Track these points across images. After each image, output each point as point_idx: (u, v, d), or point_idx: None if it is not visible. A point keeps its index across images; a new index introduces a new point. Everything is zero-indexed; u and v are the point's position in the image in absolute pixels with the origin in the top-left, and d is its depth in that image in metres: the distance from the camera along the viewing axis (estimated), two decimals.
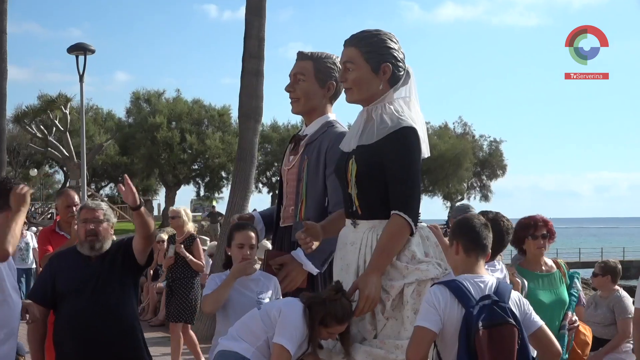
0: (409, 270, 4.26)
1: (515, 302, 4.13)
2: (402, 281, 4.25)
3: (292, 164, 5.22)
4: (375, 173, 4.34)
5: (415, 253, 4.29)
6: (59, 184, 59.60)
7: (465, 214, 4.56)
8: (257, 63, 22.12)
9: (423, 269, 4.27)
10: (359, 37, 4.52)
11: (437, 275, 4.27)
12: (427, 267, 4.28)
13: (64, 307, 5.35)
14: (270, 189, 61.04)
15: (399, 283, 4.25)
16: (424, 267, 4.27)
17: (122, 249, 5.46)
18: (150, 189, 61.18)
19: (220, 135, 53.17)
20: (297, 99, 5.19)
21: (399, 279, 4.27)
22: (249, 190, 21.83)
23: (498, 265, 5.32)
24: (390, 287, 4.27)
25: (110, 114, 59.79)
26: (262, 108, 22.36)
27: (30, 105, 37.92)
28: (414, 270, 4.26)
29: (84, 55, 23.91)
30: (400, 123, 4.33)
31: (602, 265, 9.05)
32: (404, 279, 4.25)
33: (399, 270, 4.28)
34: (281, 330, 4.37)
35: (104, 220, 5.46)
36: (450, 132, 65.77)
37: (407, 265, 4.26)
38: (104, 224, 5.45)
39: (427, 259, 4.32)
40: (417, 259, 4.29)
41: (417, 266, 4.27)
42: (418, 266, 4.27)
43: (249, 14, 22.40)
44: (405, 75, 4.55)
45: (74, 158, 34.61)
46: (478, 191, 69.52)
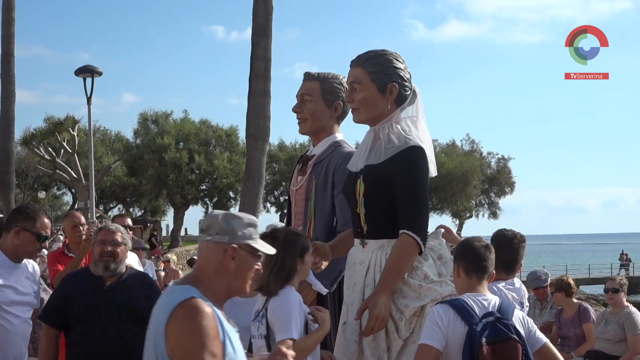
0: (423, 289, 4.26)
1: (519, 320, 4.14)
2: (419, 302, 4.25)
3: (300, 184, 5.23)
4: (383, 192, 4.35)
5: (427, 274, 4.29)
6: (68, 206, 59.66)
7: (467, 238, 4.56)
8: (264, 83, 22.20)
9: (438, 288, 4.27)
10: (366, 57, 4.54)
11: (452, 292, 4.28)
12: (441, 286, 4.28)
13: (77, 330, 5.34)
14: (278, 209, 61.02)
15: (415, 304, 4.25)
16: (438, 286, 4.28)
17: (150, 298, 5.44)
18: (158, 210, 61.17)
19: (228, 155, 53.22)
20: (305, 120, 5.21)
21: (414, 298, 4.26)
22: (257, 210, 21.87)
23: (517, 284, 5.31)
24: (404, 306, 4.26)
25: (118, 136, 59.89)
26: (269, 128, 22.44)
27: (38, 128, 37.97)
28: (428, 289, 4.26)
29: (91, 77, 24.07)
30: (408, 142, 4.34)
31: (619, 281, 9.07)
32: (420, 300, 4.25)
33: (412, 288, 4.27)
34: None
35: (121, 243, 5.48)
36: (458, 149, 65.70)
37: (421, 284, 4.26)
38: (121, 247, 5.48)
39: (440, 279, 4.32)
40: (429, 278, 4.29)
41: (431, 285, 4.27)
42: (432, 285, 4.27)
43: (256, 35, 22.49)
44: (411, 94, 4.57)
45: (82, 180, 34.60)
46: (486, 208, 69.39)
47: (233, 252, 3.20)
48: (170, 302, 3.09)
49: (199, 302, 3.05)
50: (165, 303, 3.13)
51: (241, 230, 3.24)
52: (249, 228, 3.27)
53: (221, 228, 3.22)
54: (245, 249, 3.24)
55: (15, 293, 5.14)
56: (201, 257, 3.28)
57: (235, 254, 3.21)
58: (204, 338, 2.99)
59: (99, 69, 24.14)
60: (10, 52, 31.52)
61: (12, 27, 31.71)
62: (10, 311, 5.10)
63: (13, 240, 5.20)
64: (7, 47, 31.32)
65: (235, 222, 3.24)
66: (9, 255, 5.20)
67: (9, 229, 5.21)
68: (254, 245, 3.27)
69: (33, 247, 5.33)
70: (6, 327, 5.07)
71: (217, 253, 3.21)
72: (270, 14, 22.35)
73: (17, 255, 5.26)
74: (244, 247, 3.24)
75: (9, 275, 5.13)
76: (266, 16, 22.26)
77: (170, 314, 3.05)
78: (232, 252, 3.20)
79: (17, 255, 5.26)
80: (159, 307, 3.17)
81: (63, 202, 65.99)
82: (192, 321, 3.01)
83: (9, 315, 5.09)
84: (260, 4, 22.19)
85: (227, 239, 3.21)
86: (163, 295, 3.28)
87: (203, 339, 2.99)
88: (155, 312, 3.20)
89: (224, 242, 3.20)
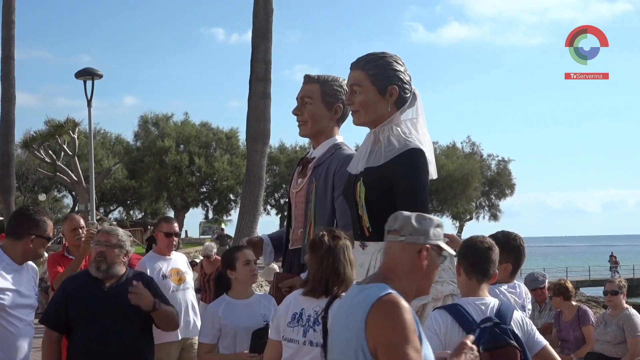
0: None
1: (518, 323, 4.14)
2: (419, 301, 4.26)
3: (300, 186, 5.24)
4: (384, 195, 4.36)
5: None
6: (68, 209, 59.61)
7: (472, 236, 4.56)
8: (264, 85, 22.24)
9: (439, 287, 4.28)
10: (365, 59, 4.55)
11: (452, 292, 4.28)
12: (442, 285, 4.29)
13: (78, 332, 5.35)
14: (278, 211, 61.04)
15: (415, 302, 4.25)
16: (439, 285, 4.29)
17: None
18: (158, 212, 61.11)
19: (228, 157, 53.28)
20: (305, 122, 5.22)
21: None
22: (257, 213, 21.89)
23: (518, 288, 5.31)
24: None
25: (119, 138, 59.95)
26: (269, 130, 22.48)
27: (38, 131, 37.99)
28: None
29: (91, 80, 24.07)
30: (408, 145, 4.35)
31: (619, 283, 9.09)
32: (420, 299, 4.25)
33: None
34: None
35: (115, 245, 5.47)
36: (458, 151, 65.71)
37: None
38: (115, 250, 5.45)
39: (441, 279, 4.33)
40: None
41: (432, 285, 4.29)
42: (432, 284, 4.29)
43: (256, 38, 22.52)
44: (411, 97, 4.58)
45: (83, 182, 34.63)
46: (487, 210, 69.38)
47: (427, 252, 3.24)
48: (365, 299, 3.09)
49: (398, 297, 3.06)
50: (359, 301, 3.12)
51: (432, 231, 3.27)
52: (437, 229, 3.30)
53: (415, 229, 3.24)
54: (435, 250, 3.27)
55: (19, 296, 5.15)
56: (391, 256, 3.29)
57: (428, 255, 3.24)
58: (407, 332, 2.99)
59: (99, 71, 24.16)
60: (11, 55, 31.55)
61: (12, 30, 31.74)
62: (15, 314, 5.10)
63: (26, 247, 5.21)
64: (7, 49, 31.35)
65: (427, 223, 3.27)
66: (16, 259, 5.21)
67: (21, 237, 5.21)
68: (442, 246, 3.31)
69: (43, 250, 5.41)
70: (12, 330, 5.08)
71: (411, 253, 3.23)
72: (270, 16, 22.38)
73: (25, 259, 5.28)
74: (435, 248, 3.27)
75: (14, 279, 5.14)
76: (266, 18, 22.28)
77: (368, 310, 3.05)
78: (426, 253, 3.23)
79: (25, 259, 5.28)
80: (351, 306, 3.17)
81: (63, 204, 66.00)
82: (395, 316, 3.02)
83: (14, 318, 5.10)
84: (261, 6, 22.21)
85: (423, 240, 3.24)
86: (351, 294, 3.28)
87: (407, 333, 2.99)
88: (345, 311, 3.21)
89: (419, 242, 3.24)
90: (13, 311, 5.08)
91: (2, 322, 5.02)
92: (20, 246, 5.20)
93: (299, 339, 4.22)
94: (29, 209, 5.47)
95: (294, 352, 4.24)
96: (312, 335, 4.19)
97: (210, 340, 5.17)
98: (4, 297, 5.02)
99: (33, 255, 5.32)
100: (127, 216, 61.00)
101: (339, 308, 3.32)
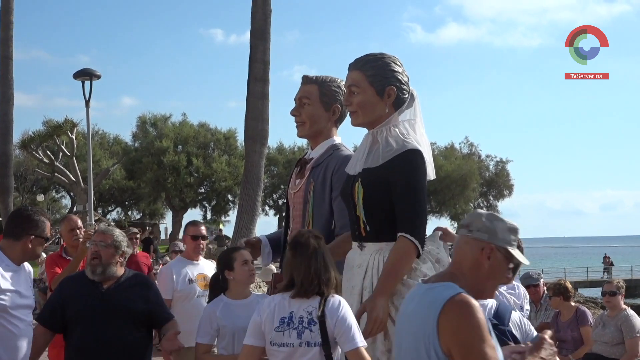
0: None
1: (516, 324, 4.13)
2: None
3: (298, 187, 5.24)
4: (381, 196, 4.36)
5: (427, 274, 4.28)
6: (66, 209, 59.66)
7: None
8: (262, 86, 22.27)
9: None
10: (363, 60, 4.55)
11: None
12: None
13: (75, 333, 5.34)
14: (276, 212, 61.06)
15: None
16: None
17: (152, 314, 5.46)
18: (157, 213, 61.21)
19: (226, 158, 53.27)
20: (303, 123, 5.22)
21: None
22: (255, 213, 21.91)
23: (517, 289, 5.31)
24: None
25: (117, 139, 59.96)
26: (267, 131, 22.50)
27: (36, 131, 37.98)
28: None
29: (89, 80, 24.10)
30: (406, 146, 4.35)
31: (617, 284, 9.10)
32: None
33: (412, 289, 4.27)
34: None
35: (110, 245, 5.43)
36: (456, 152, 65.76)
37: None
38: (109, 250, 5.41)
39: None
40: None
41: None
42: None
43: (254, 38, 22.54)
44: (409, 98, 4.58)
45: (81, 183, 34.64)
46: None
47: (490, 251, 3.21)
48: (435, 298, 3.09)
49: (468, 297, 3.05)
50: (429, 301, 3.12)
51: (502, 232, 3.24)
52: (509, 233, 3.27)
53: (483, 226, 3.23)
54: (501, 252, 3.24)
55: (19, 297, 5.15)
56: (459, 251, 3.29)
57: (491, 254, 3.22)
58: (482, 331, 2.99)
59: (97, 72, 24.18)
60: (9, 55, 31.58)
61: (11, 30, 31.78)
62: (16, 315, 5.10)
63: (25, 247, 5.21)
64: (6, 50, 31.38)
65: (497, 223, 3.25)
66: (14, 259, 5.21)
67: (20, 237, 5.21)
68: (510, 251, 3.26)
69: (41, 250, 5.40)
70: (14, 331, 5.07)
71: (474, 249, 3.23)
72: (268, 17, 22.41)
73: (23, 259, 5.27)
74: (501, 250, 3.24)
75: (13, 279, 5.14)
76: (264, 19, 22.32)
77: (440, 310, 3.04)
78: (489, 252, 3.21)
79: (23, 259, 5.27)
80: (420, 306, 3.16)
81: (61, 205, 66.04)
82: (469, 315, 3.01)
83: (15, 319, 5.09)
84: (259, 7, 22.25)
85: (487, 237, 3.22)
86: (417, 294, 3.28)
87: (482, 332, 2.99)
88: (413, 310, 3.20)
89: (483, 239, 3.22)
90: (14, 312, 5.08)
91: (4, 322, 5.02)
92: (18, 246, 5.20)
93: (293, 341, 4.20)
94: (27, 209, 5.46)
95: (286, 355, 4.23)
96: (308, 336, 4.18)
97: (208, 340, 5.16)
98: (5, 297, 5.02)
99: (31, 256, 5.31)
100: (126, 217, 60.99)
101: (405, 307, 3.31)
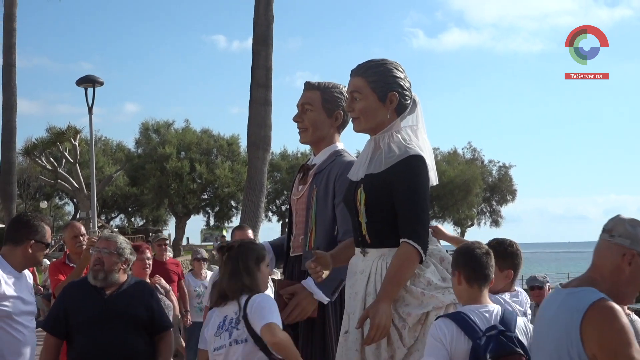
0: (426, 296, 4.25)
1: (522, 329, 4.13)
2: (421, 310, 4.24)
3: (301, 193, 5.24)
4: (384, 201, 4.35)
5: (431, 280, 4.29)
6: (69, 216, 59.68)
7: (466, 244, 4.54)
8: (265, 92, 22.28)
9: (440, 296, 4.26)
10: (365, 66, 4.55)
11: (454, 300, 4.26)
12: (443, 294, 4.28)
13: (77, 340, 5.34)
14: (280, 218, 61.02)
15: (417, 311, 4.24)
16: (440, 294, 4.27)
17: (153, 321, 5.49)
18: (160, 220, 61.18)
19: (229, 164, 53.25)
20: (305, 129, 5.22)
21: (416, 305, 4.25)
22: (258, 219, 21.90)
23: (520, 296, 5.29)
24: (407, 314, 4.25)
25: (120, 145, 59.95)
26: (270, 137, 22.50)
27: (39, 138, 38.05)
28: (430, 297, 4.25)
29: (92, 87, 24.16)
30: (408, 151, 4.35)
31: None
32: (422, 307, 4.24)
33: (415, 296, 4.26)
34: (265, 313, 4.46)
35: (113, 252, 5.44)
36: (459, 157, 65.69)
37: (423, 292, 4.25)
38: (112, 257, 5.42)
39: (445, 284, 4.31)
40: (433, 284, 4.28)
41: (433, 293, 4.26)
42: (434, 293, 4.26)
43: (257, 44, 22.56)
44: (412, 103, 4.57)
45: (84, 189, 34.64)
46: (488, 217, 69.33)
47: (631, 257, 3.21)
48: (578, 303, 3.08)
49: (611, 302, 3.05)
50: (571, 306, 3.11)
51: None
52: None
53: (625, 231, 3.22)
54: None
55: (22, 303, 5.17)
56: (599, 256, 3.28)
57: (633, 260, 3.21)
58: (627, 335, 2.99)
59: (100, 78, 24.22)
60: (12, 63, 31.66)
61: (14, 38, 31.85)
62: (20, 321, 5.12)
63: (25, 253, 5.22)
64: (9, 57, 31.47)
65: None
66: (16, 266, 5.22)
67: (20, 242, 5.22)
68: None
69: (42, 256, 5.41)
70: (18, 338, 5.09)
71: (615, 255, 3.22)
72: (271, 23, 22.44)
73: (25, 265, 5.29)
74: None
75: (16, 286, 5.15)
76: (267, 25, 22.35)
77: (583, 315, 3.04)
78: (630, 257, 3.20)
79: (25, 265, 5.29)
80: (561, 310, 3.16)
81: (65, 212, 66.07)
82: (613, 320, 3.01)
83: (19, 325, 5.11)
84: (262, 13, 22.28)
85: (629, 243, 3.20)
86: (556, 298, 3.27)
87: (627, 336, 2.99)
88: (554, 315, 3.20)
89: (624, 245, 3.20)
90: (18, 318, 5.10)
91: (9, 329, 5.04)
92: (19, 252, 5.21)
93: (226, 342, 4.44)
94: (27, 214, 5.48)
95: (223, 357, 4.44)
96: (236, 334, 4.42)
97: None
98: (9, 304, 5.04)
99: (32, 261, 5.33)
100: (129, 223, 60.99)
101: (544, 311, 3.31)
